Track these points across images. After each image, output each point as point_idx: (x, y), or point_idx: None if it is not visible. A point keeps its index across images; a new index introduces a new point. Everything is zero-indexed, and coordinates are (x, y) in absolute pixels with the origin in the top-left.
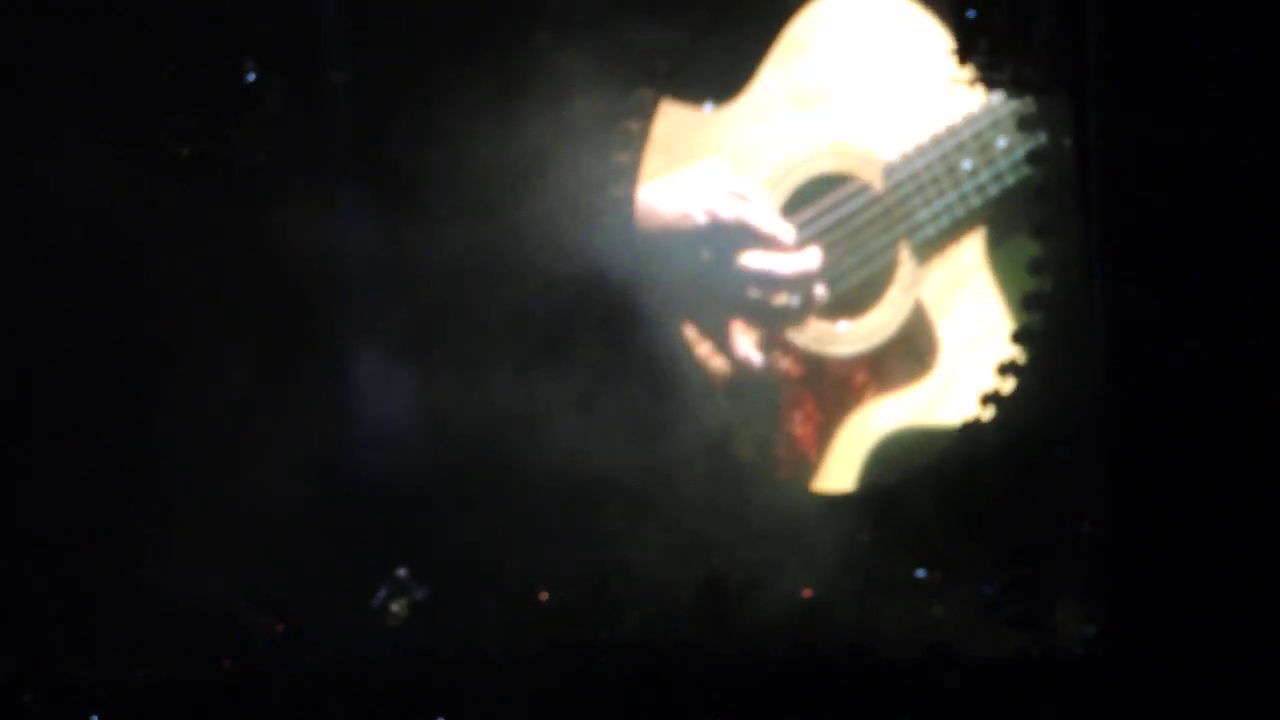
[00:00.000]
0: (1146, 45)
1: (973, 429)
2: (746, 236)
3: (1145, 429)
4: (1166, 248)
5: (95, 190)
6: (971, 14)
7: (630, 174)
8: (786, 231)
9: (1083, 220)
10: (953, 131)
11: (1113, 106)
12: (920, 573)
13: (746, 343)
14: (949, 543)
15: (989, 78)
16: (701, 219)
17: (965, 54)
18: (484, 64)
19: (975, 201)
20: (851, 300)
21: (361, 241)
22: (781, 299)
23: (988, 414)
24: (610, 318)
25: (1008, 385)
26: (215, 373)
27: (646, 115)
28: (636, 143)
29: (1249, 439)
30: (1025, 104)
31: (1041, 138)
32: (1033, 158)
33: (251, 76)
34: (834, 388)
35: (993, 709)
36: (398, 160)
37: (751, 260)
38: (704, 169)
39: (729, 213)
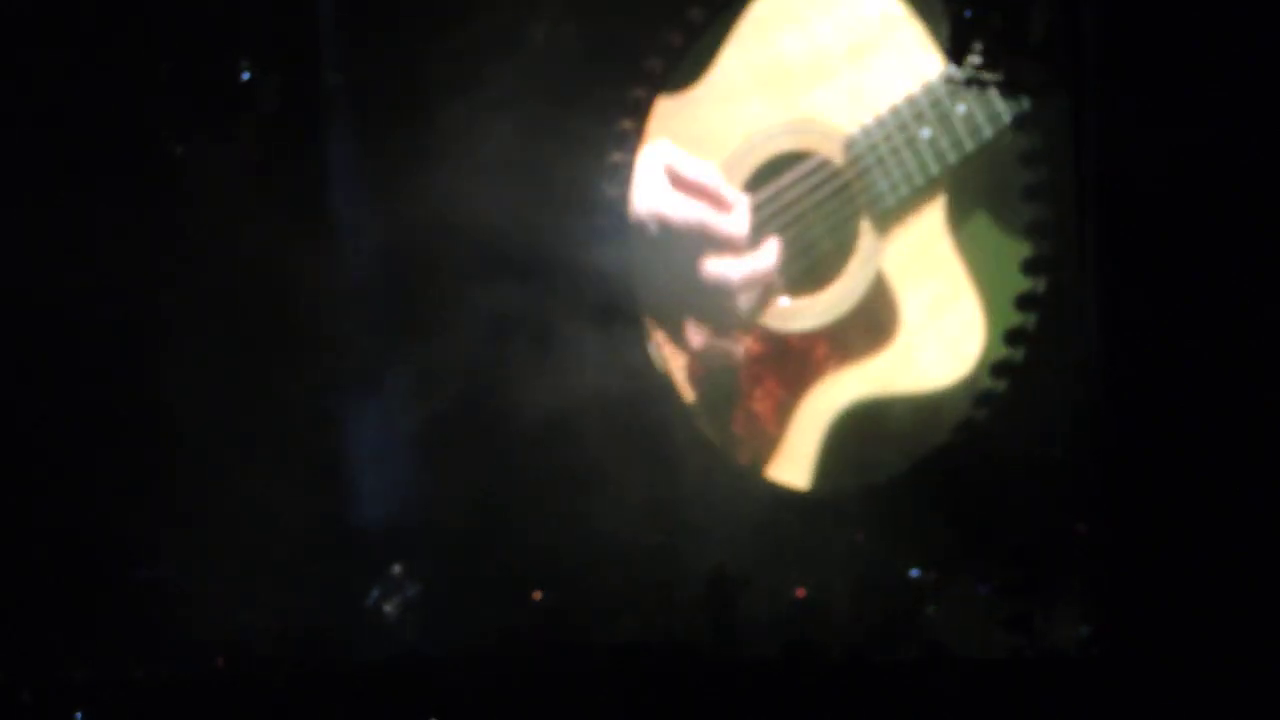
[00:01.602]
0: (1144, 44)
1: (966, 429)
2: (702, 240)
3: (1140, 429)
4: (1163, 248)
5: (87, 189)
6: (968, 13)
7: (626, 173)
8: (741, 226)
9: (1078, 220)
10: (911, 101)
11: (1109, 106)
12: (914, 573)
13: (701, 338)
14: (943, 543)
15: (984, 78)
16: (653, 226)
17: (960, 54)
18: (479, 63)
19: (934, 169)
20: (813, 275)
21: (355, 240)
22: (737, 300)
23: (981, 414)
24: (579, 311)
25: (1001, 385)
26: (208, 370)
27: (642, 115)
28: (632, 142)
29: (1245, 439)
30: (1020, 103)
31: (1037, 138)
32: (1028, 159)
33: (246, 76)
34: (794, 362)
35: (987, 710)
36: (391, 157)
37: (709, 264)
38: (653, 153)
39: (680, 216)
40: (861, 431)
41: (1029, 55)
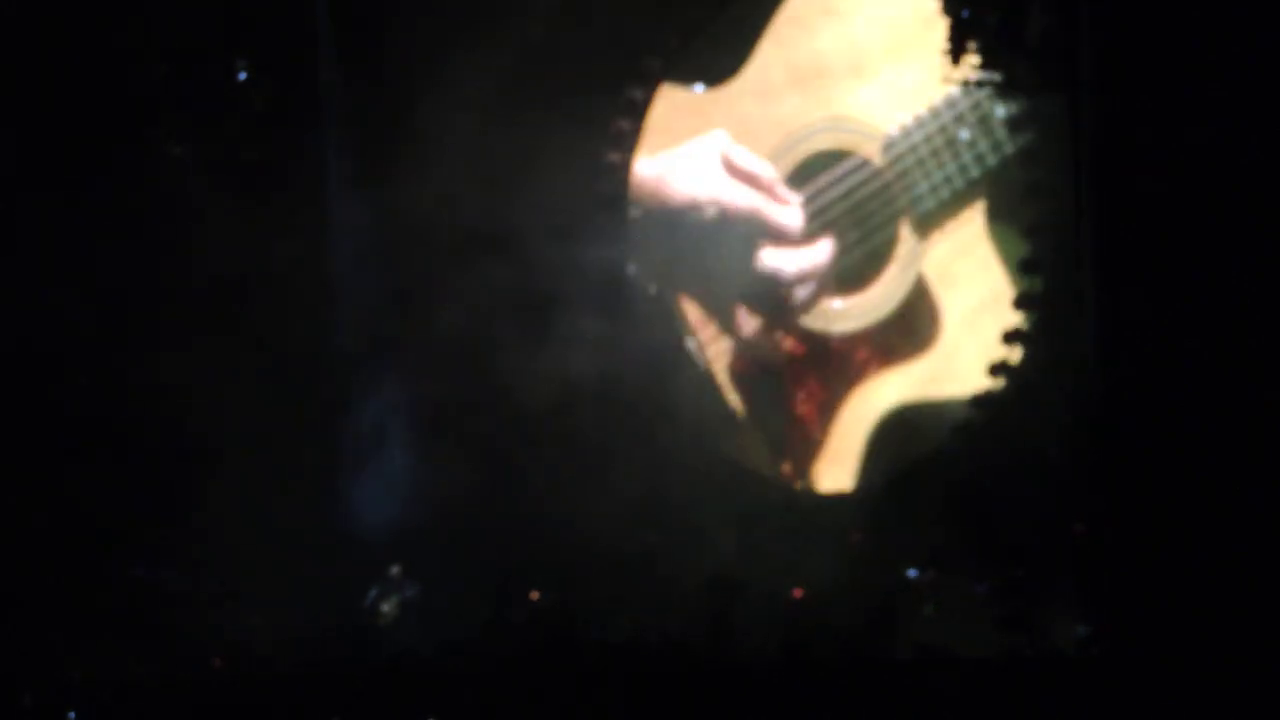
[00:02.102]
0: (1140, 44)
1: (964, 428)
2: (757, 228)
3: (1138, 429)
4: (1160, 247)
5: (86, 187)
6: (965, 14)
7: (623, 172)
8: (797, 220)
9: (1076, 220)
10: (950, 103)
11: (1106, 106)
12: (912, 573)
13: (751, 329)
14: (940, 542)
15: (982, 77)
16: (710, 209)
17: (958, 54)
18: (476, 62)
19: (975, 172)
20: (853, 276)
21: (352, 236)
22: (789, 295)
23: (979, 414)
24: (609, 300)
25: (1000, 385)
26: (204, 370)
27: (639, 114)
28: (629, 141)
29: (1243, 440)
30: (1019, 102)
31: (1035, 137)
32: (1026, 157)
33: (243, 76)
34: (836, 364)
35: (984, 710)
36: (388, 156)
37: (763, 255)
38: (710, 142)
39: (739, 202)
40: (902, 436)
41: (1026, 56)
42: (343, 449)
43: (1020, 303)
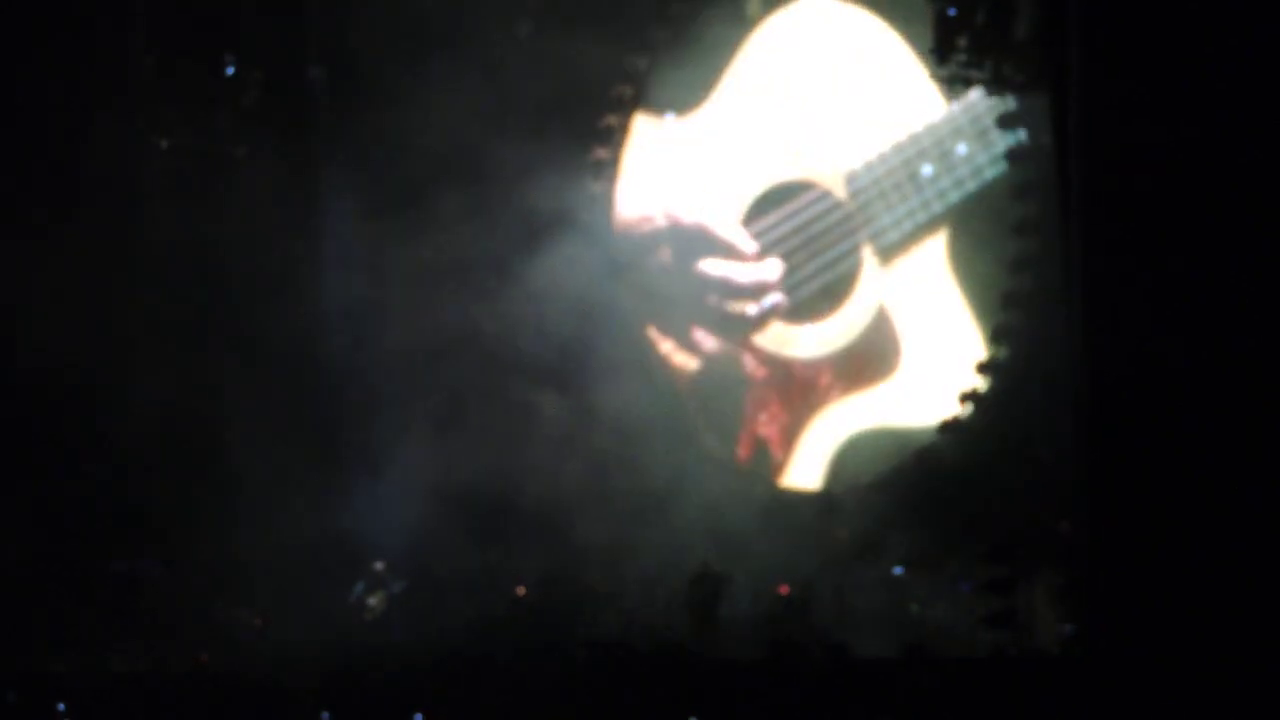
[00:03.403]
0: (1126, 43)
1: (950, 427)
2: (706, 243)
3: (1123, 428)
4: (1146, 246)
5: (75, 182)
6: (952, 12)
7: (605, 201)
8: (746, 241)
9: (1063, 218)
10: (914, 139)
11: (1092, 104)
12: (898, 570)
13: (709, 345)
14: (927, 541)
15: (969, 75)
16: (662, 222)
17: (946, 52)
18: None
19: (936, 207)
20: (815, 304)
21: (338, 234)
22: (739, 307)
23: (966, 413)
24: (579, 319)
25: (986, 384)
26: (192, 366)
27: (616, 143)
28: (609, 171)
29: (1227, 438)
30: (1005, 102)
31: (1022, 136)
32: (1013, 155)
33: (231, 70)
34: (798, 389)
35: (969, 708)
36: (374, 154)
37: (710, 267)
38: (672, 178)
39: (690, 218)
40: (863, 462)
41: (1012, 53)
42: (333, 449)
43: (1007, 302)
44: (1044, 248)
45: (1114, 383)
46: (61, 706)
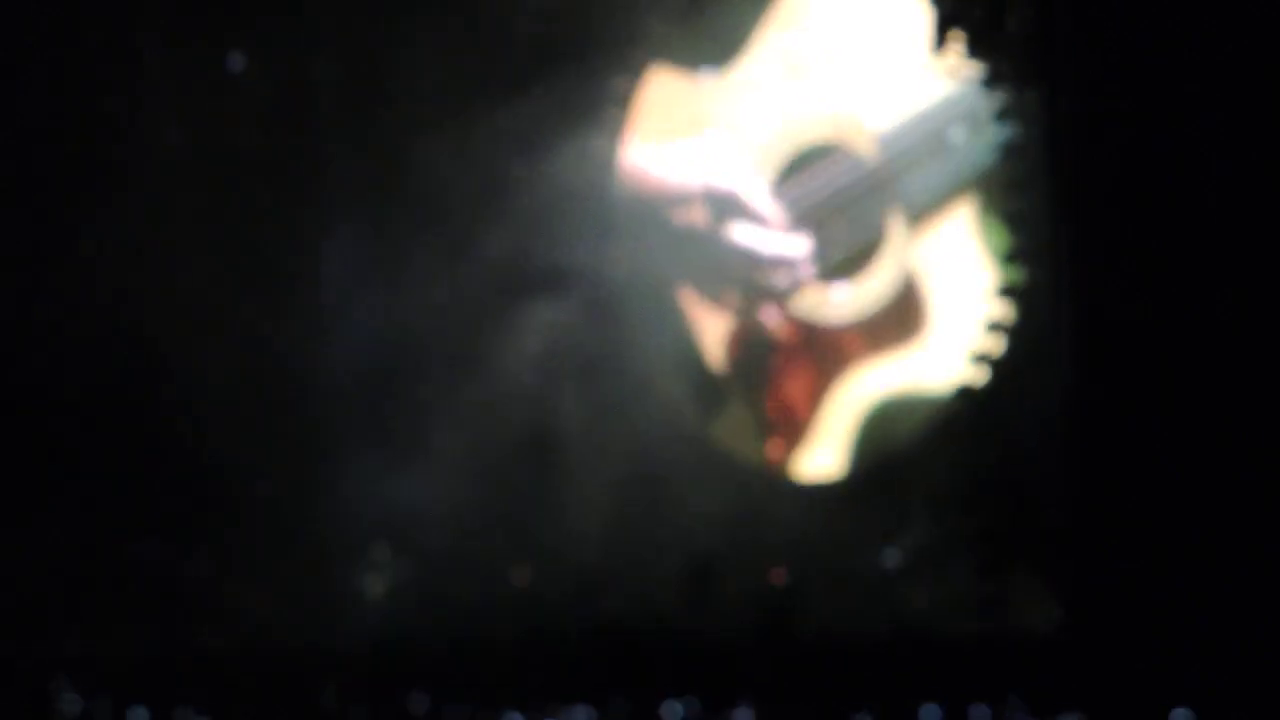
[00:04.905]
0: (1119, 39)
1: (942, 417)
2: (737, 211)
3: (1110, 420)
4: (1136, 241)
5: (87, 176)
6: (948, 6)
7: (614, 128)
8: (777, 211)
9: (1053, 212)
10: (944, 102)
11: (1084, 99)
12: (889, 554)
13: (736, 310)
14: (919, 526)
15: (963, 70)
16: (695, 187)
17: (940, 46)
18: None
19: (964, 170)
20: (844, 268)
21: (345, 228)
22: (768, 276)
23: (957, 403)
24: (599, 282)
25: (978, 376)
26: (201, 357)
27: (635, 75)
28: (624, 98)
29: (1211, 431)
30: (1000, 95)
31: (1014, 129)
32: (1005, 149)
33: (237, 66)
34: (826, 353)
35: (959, 689)
36: (383, 145)
37: (740, 235)
38: (701, 139)
39: (723, 184)
40: (889, 427)
41: (1006, 48)
42: (336, 434)
43: (1002, 294)
44: (1035, 241)
45: (1104, 374)
46: (69, 689)
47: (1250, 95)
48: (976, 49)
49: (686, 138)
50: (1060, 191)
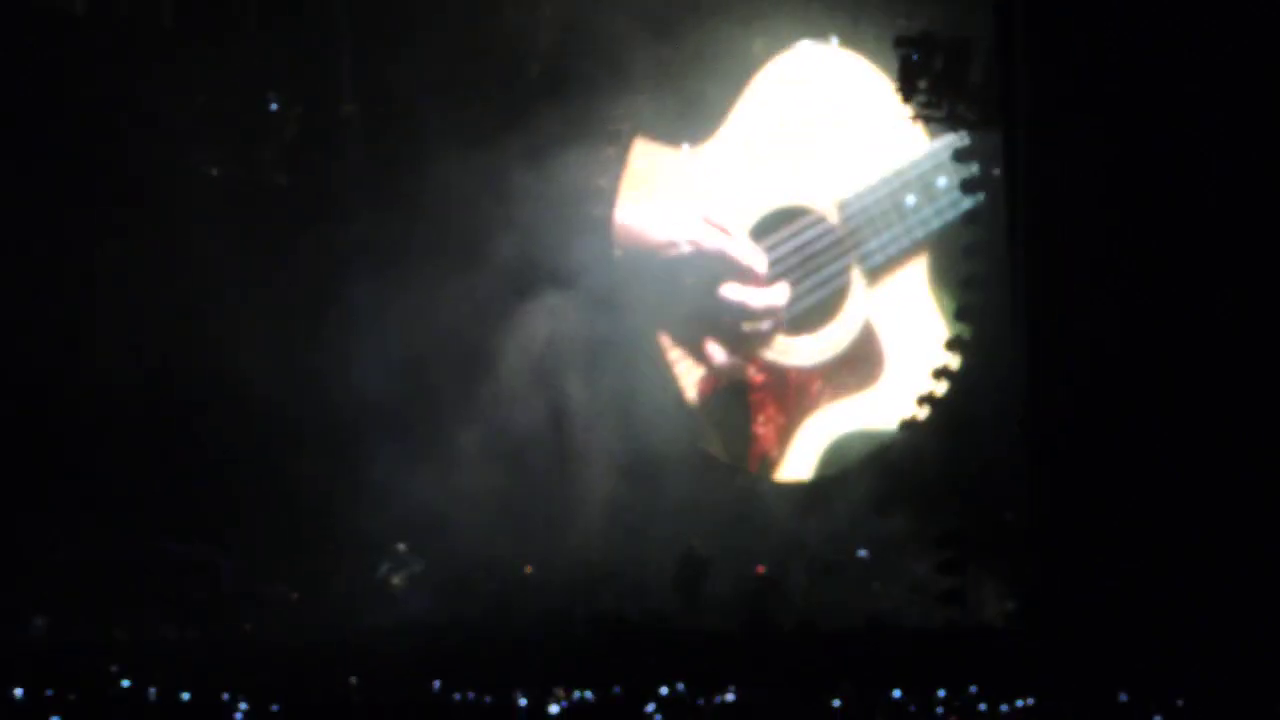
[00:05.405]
0: (1071, 87)
1: (909, 426)
2: (726, 267)
3: (1063, 428)
4: (1085, 264)
5: (131, 205)
6: (915, 57)
7: (609, 197)
8: (761, 264)
9: (1010, 241)
10: (899, 172)
11: (1039, 141)
12: (861, 552)
13: (717, 356)
14: (887, 526)
15: (928, 114)
16: (685, 246)
17: (907, 93)
18: (475, 104)
19: (919, 233)
20: (809, 318)
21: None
22: (752, 326)
23: (923, 414)
24: (593, 326)
25: (941, 389)
26: (244, 372)
27: (624, 146)
28: (614, 170)
29: (1155, 436)
30: (960, 138)
31: (975, 168)
32: (966, 186)
33: (274, 107)
34: (794, 393)
35: (924, 675)
36: (400, 181)
37: (729, 291)
38: (686, 202)
39: (711, 243)
40: (849, 460)
41: (968, 95)
42: (359, 437)
43: (960, 316)
44: (993, 267)
45: (1056, 388)
46: (117, 671)
47: (1197, 131)
48: (941, 97)
49: (669, 201)
50: (1016, 222)
